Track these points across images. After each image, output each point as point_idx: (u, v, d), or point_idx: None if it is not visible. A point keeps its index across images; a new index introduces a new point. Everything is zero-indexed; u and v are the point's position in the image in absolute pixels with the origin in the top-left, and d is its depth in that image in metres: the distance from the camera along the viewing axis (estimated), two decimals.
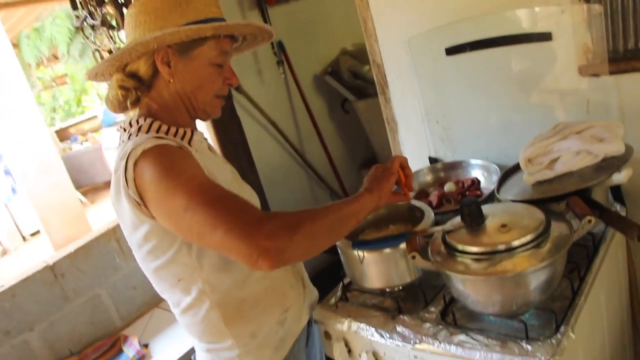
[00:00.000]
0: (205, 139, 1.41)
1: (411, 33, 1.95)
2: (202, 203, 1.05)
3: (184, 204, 1.06)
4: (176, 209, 1.08)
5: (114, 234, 2.86)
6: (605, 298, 1.45)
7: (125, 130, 1.26)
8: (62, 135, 8.63)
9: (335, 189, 4.13)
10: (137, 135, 1.21)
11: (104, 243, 2.84)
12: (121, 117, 7.25)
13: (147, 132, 1.22)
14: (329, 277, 1.72)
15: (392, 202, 1.35)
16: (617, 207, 1.62)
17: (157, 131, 1.23)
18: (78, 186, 6.51)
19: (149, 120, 1.24)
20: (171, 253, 1.21)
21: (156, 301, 3.05)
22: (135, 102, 1.30)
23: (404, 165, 1.33)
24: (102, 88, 10.60)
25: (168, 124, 1.26)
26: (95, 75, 1.31)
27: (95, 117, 9.25)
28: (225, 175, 1.37)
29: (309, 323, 1.50)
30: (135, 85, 1.26)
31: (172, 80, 1.25)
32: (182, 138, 1.26)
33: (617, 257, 1.59)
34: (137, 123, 1.24)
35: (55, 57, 8.59)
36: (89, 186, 7.60)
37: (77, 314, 2.76)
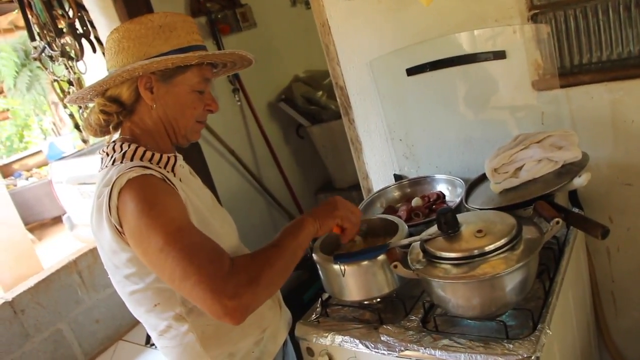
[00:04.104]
0: (186, 164, 1.43)
1: (372, 55, 2.03)
2: (177, 249, 1.07)
3: (160, 245, 1.08)
4: (152, 248, 1.10)
5: (76, 266, 2.79)
6: (572, 296, 1.53)
7: (108, 154, 1.27)
8: (5, 171, 8.33)
9: (293, 213, 4.16)
10: (121, 162, 1.21)
11: (65, 276, 2.77)
12: (69, 152, 7.06)
13: (132, 158, 1.22)
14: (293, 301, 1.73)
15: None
16: (576, 210, 1.73)
17: (142, 158, 1.23)
18: (25, 223, 6.26)
19: (133, 146, 1.25)
20: (149, 280, 1.22)
21: (120, 334, 2.98)
22: (117, 127, 1.31)
23: (351, 224, 1.35)
24: (46, 122, 10.31)
25: (151, 149, 1.27)
26: (76, 99, 1.32)
27: (39, 152, 8.98)
28: (206, 200, 1.39)
29: (285, 343, 1.52)
30: (117, 110, 1.27)
31: (154, 106, 1.27)
32: (166, 165, 1.27)
33: (579, 258, 1.68)
34: (121, 149, 1.25)
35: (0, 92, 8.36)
36: (36, 222, 7.33)
37: (38, 351, 2.68)
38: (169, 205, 1.14)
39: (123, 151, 1.24)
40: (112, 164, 1.22)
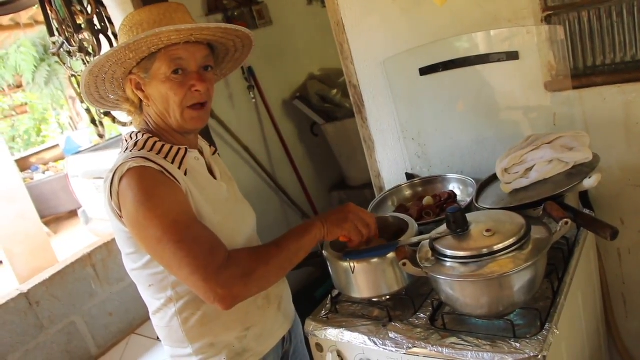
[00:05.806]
0: (214, 153, 1.50)
1: (386, 55, 2.04)
2: (174, 241, 1.15)
3: (159, 236, 1.15)
4: (150, 238, 1.17)
5: (90, 259, 2.84)
6: (582, 297, 1.53)
7: (126, 140, 1.34)
8: (23, 165, 8.43)
9: (306, 211, 4.18)
10: (131, 150, 1.28)
11: (80, 269, 2.81)
12: (86, 146, 7.15)
13: (141, 148, 1.28)
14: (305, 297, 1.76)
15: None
16: (587, 212, 1.73)
17: (151, 149, 1.28)
18: (41, 216, 6.35)
19: (146, 136, 1.31)
20: (144, 261, 1.29)
21: (133, 327, 3.02)
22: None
23: (359, 236, 1.37)
24: (63, 117, 10.43)
25: (164, 140, 1.32)
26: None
27: (56, 146, 9.09)
28: (219, 195, 1.41)
29: (284, 342, 1.56)
30: (133, 109, 1.35)
31: (148, 103, 1.32)
32: (175, 157, 1.30)
33: (589, 259, 1.68)
34: (136, 137, 1.32)
35: (19, 86, 8.48)
36: (52, 216, 7.43)
37: (52, 343, 2.72)
38: (166, 197, 1.20)
39: (135, 140, 1.31)
40: (125, 150, 1.30)
